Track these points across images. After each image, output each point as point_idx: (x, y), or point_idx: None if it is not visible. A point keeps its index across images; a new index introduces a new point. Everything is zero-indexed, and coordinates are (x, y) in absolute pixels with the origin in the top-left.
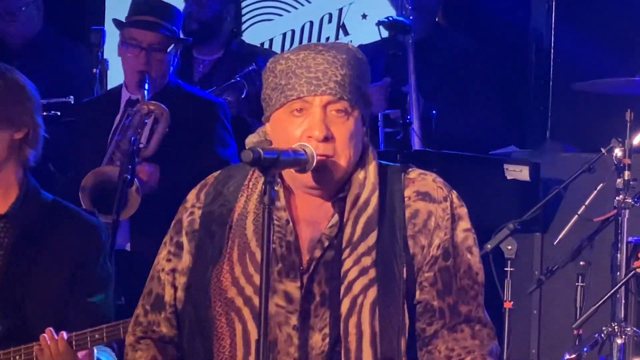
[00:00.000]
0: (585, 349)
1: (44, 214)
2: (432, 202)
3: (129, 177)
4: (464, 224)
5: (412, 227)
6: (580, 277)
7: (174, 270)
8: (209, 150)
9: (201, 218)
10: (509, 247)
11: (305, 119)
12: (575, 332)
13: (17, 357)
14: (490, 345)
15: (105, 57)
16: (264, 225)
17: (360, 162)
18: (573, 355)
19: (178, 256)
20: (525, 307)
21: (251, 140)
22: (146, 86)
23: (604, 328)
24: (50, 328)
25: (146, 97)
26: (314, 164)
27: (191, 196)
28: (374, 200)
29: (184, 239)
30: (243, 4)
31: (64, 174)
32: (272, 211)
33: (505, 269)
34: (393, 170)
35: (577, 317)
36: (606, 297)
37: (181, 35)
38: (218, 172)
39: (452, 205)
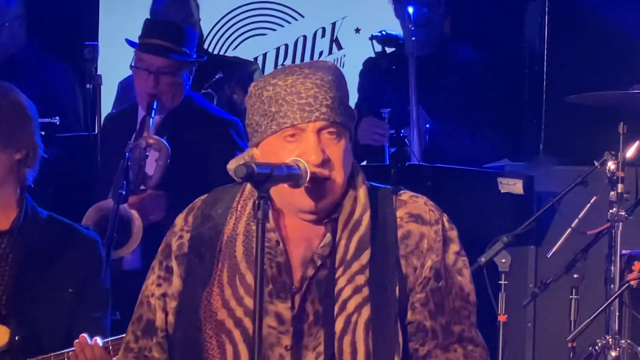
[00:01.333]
0: None
1: (43, 230)
2: (424, 225)
3: (123, 192)
4: (455, 246)
5: (405, 247)
6: (574, 290)
7: (164, 295)
8: (221, 172)
9: (190, 241)
10: (503, 260)
11: (299, 145)
12: (569, 344)
13: None
14: None
15: (99, 72)
16: (257, 240)
17: (350, 182)
18: None
19: (168, 280)
20: (520, 320)
21: (235, 165)
22: (153, 113)
23: (598, 341)
24: (84, 334)
25: (151, 125)
26: (308, 179)
27: (179, 220)
28: (366, 220)
29: (174, 263)
30: (236, 19)
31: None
32: (265, 225)
33: (500, 282)
34: (383, 192)
35: (572, 330)
36: (600, 309)
37: (194, 56)
38: (205, 195)
39: (444, 228)
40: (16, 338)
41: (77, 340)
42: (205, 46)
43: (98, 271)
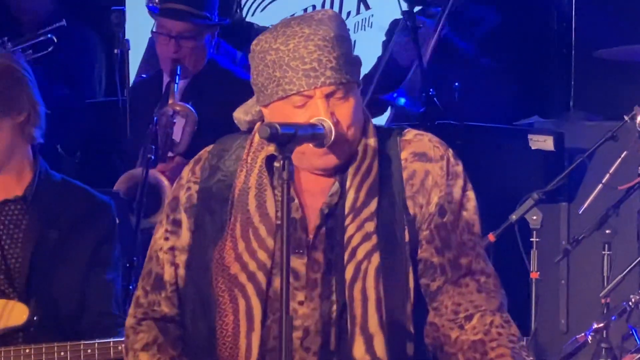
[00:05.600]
0: (613, 318)
1: (57, 194)
2: (428, 162)
3: (152, 157)
4: (460, 181)
5: (410, 188)
6: (606, 246)
7: (172, 249)
8: None
9: (199, 193)
10: (534, 218)
11: (308, 109)
12: (603, 301)
13: (90, 350)
14: (498, 297)
15: (126, 37)
16: (283, 201)
17: (362, 132)
18: (601, 324)
19: (176, 234)
20: (553, 277)
21: (242, 118)
22: (177, 79)
23: (631, 296)
24: None
25: (176, 91)
26: (333, 138)
27: (185, 173)
28: (375, 167)
29: (183, 216)
30: None
31: (72, 155)
32: (290, 186)
33: (531, 239)
34: (390, 134)
35: (605, 286)
36: (633, 264)
37: (216, 19)
38: (211, 146)
39: (449, 163)
40: (35, 318)
41: None
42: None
43: (111, 234)
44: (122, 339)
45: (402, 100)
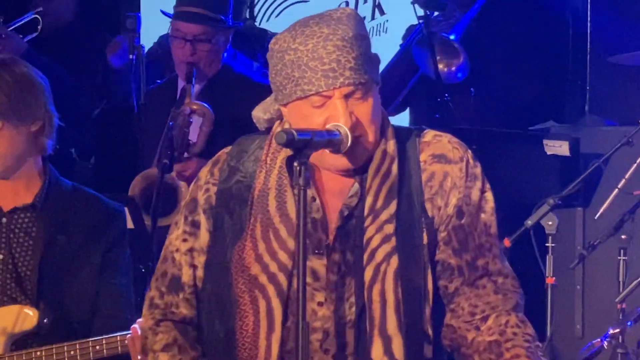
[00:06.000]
0: (629, 323)
1: (67, 201)
2: (448, 163)
3: (167, 162)
4: (479, 183)
5: (429, 190)
6: (622, 251)
7: (191, 250)
8: None
9: (217, 194)
10: (550, 223)
11: (327, 109)
12: (618, 306)
13: (98, 347)
14: (515, 297)
15: (141, 43)
16: (299, 207)
17: (380, 133)
18: (617, 330)
19: (194, 235)
20: (568, 282)
21: (261, 116)
22: (193, 81)
23: None
24: (136, 326)
25: (192, 92)
26: (349, 144)
27: (203, 174)
28: (395, 169)
29: (202, 217)
30: None
31: (86, 160)
32: (307, 192)
33: (547, 244)
34: (409, 135)
35: (620, 291)
36: None
37: (231, 22)
38: (229, 147)
39: (468, 164)
40: (45, 321)
41: (134, 325)
42: (248, 15)
43: (121, 240)
44: (129, 332)
45: None
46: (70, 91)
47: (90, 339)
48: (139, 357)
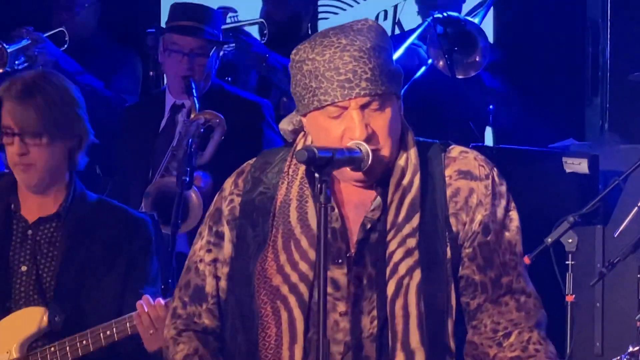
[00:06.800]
0: None
1: (92, 212)
2: (473, 180)
3: (187, 179)
4: (504, 201)
5: (454, 205)
6: None
7: (215, 261)
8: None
9: (241, 205)
10: (570, 241)
11: (344, 120)
12: (638, 324)
13: (108, 332)
14: (537, 315)
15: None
16: (319, 224)
17: (401, 144)
18: (637, 348)
19: (219, 246)
20: (588, 300)
21: (286, 128)
22: (194, 92)
23: None
24: (147, 295)
25: (197, 104)
26: (370, 162)
27: (228, 184)
28: (417, 182)
29: (225, 228)
30: None
31: (110, 176)
32: (328, 210)
33: (567, 262)
34: (433, 150)
35: None
36: None
37: (221, 37)
38: (253, 159)
39: (494, 182)
40: (56, 319)
41: (139, 302)
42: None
43: (146, 250)
44: (134, 312)
45: None
46: (102, 107)
47: (100, 325)
48: (150, 332)
